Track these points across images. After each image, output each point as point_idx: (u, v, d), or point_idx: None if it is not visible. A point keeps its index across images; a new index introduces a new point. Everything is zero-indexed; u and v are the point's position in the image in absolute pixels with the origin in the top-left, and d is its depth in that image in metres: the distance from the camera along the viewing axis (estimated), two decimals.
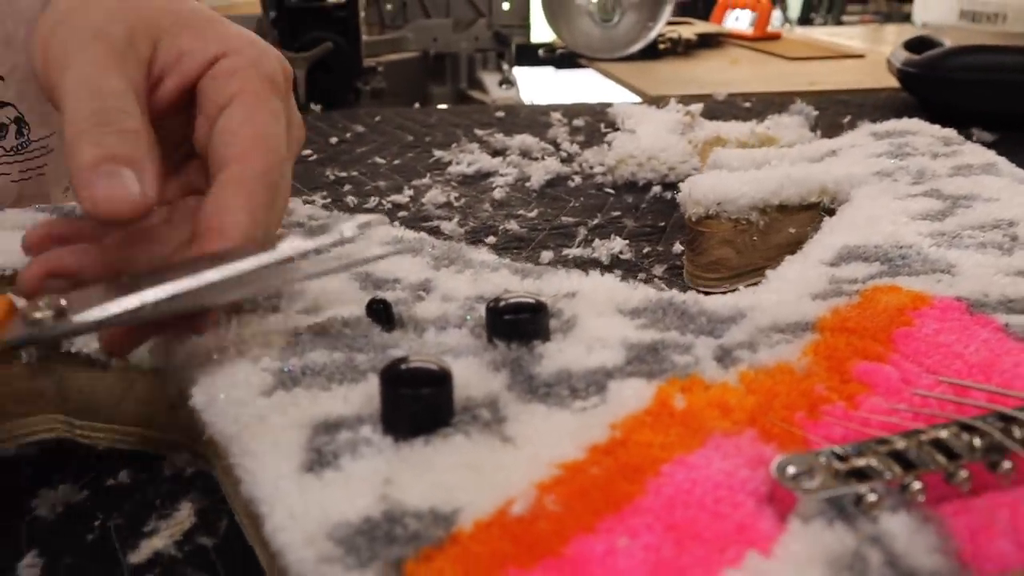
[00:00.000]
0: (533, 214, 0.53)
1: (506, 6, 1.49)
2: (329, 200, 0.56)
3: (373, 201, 0.56)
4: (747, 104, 0.86)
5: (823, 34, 2.03)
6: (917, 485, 0.17)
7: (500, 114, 0.81)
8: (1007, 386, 0.22)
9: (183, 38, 0.28)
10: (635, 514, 0.18)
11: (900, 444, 0.18)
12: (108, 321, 0.22)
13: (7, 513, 0.27)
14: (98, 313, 0.22)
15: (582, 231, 0.50)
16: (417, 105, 1.11)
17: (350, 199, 0.56)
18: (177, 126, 0.30)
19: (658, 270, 0.44)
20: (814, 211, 0.41)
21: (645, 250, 0.47)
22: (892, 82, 0.88)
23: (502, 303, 0.25)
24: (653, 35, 1.25)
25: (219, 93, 0.28)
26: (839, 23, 3.40)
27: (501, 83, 1.36)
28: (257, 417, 0.22)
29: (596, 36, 1.31)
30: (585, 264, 0.45)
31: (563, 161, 0.64)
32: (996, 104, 0.76)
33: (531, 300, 0.25)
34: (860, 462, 0.18)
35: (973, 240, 0.32)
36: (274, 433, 0.21)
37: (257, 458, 0.20)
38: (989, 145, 0.72)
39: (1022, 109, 0.75)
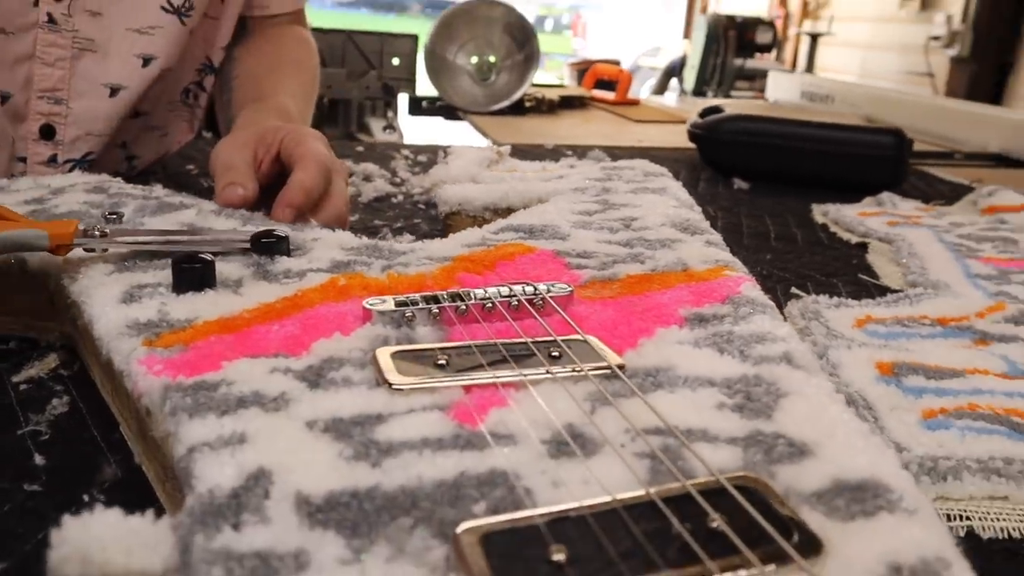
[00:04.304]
0: (354, 218, 0.69)
1: (396, 61, 1.68)
2: None
3: None
4: (569, 152, 1.05)
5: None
6: (436, 311, 0.34)
7: (360, 148, 0.98)
8: (532, 272, 0.39)
9: (286, 144, 0.56)
10: (290, 319, 0.34)
11: (438, 296, 0.35)
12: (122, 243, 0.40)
13: None
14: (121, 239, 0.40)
15: (385, 230, 0.66)
16: None
17: None
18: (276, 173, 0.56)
19: None
20: None
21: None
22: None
23: (263, 235, 0.41)
24: (519, 95, 1.44)
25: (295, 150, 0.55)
26: (728, 96, 3.71)
27: (385, 128, 1.53)
28: (100, 283, 0.37)
29: (473, 93, 1.50)
30: None
31: (393, 184, 0.80)
32: (751, 160, 0.96)
33: (280, 234, 0.41)
34: (409, 298, 0.34)
35: (598, 226, 0.50)
36: (107, 289, 0.36)
37: (95, 299, 0.36)
38: (744, 192, 0.93)
39: (769, 165, 0.95)
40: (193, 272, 0.36)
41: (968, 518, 0.33)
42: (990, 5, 3.18)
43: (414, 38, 1.75)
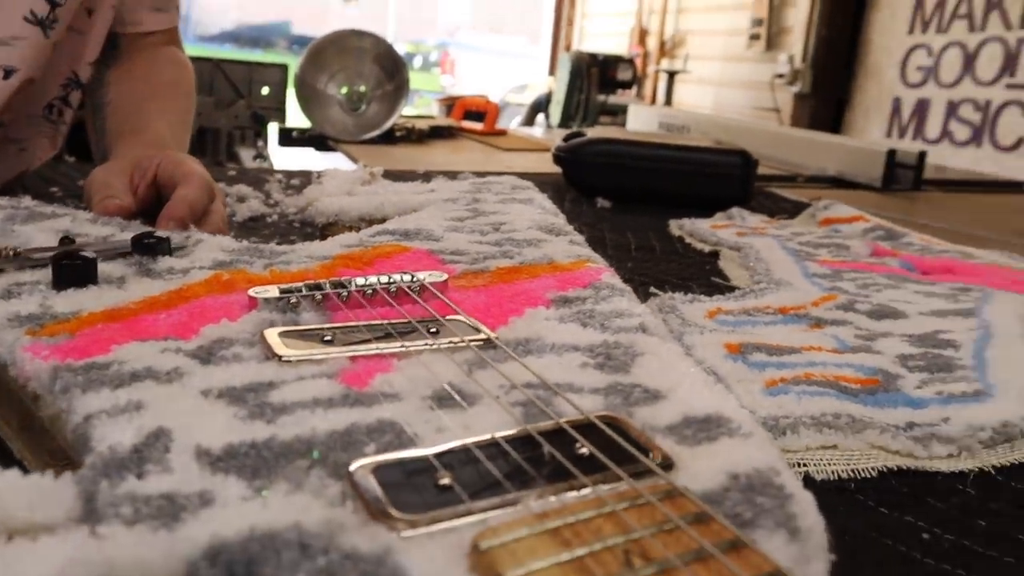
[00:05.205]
0: (230, 236, 0.69)
1: (265, 91, 1.68)
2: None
3: None
4: (440, 176, 1.08)
5: None
6: (319, 297, 0.36)
7: (232, 172, 0.98)
8: (409, 269, 0.41)
9: (164, 167, 0.57)
10: (177, 309, 0.35)
11: (321, 284, 0.37)
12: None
13: None
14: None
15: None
16: None
17: None
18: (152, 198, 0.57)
19: None
20: None
21: None
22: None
23: (144, 236, 0.42)
24: (389, 124, 1.47)
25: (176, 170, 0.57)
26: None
27: (255, 157, 1.52)
28: None
29: (344, 122, 1.52)
30: None
31: (267, 205, 0.81)
32: (613, 181, 1.02)
33: (160, 236, 0.42)
34: (293, 287, 0.36)
35: (470, 229, 0.53)
36: None
37: None
38: (607, 210, 0.98)
39: (629, 185, 1.01)
40: (74, 268, 0.37)
41: (805, 465, 0.37)
42: (827, 47, 3.45)
43: (284, 68, 1.75)
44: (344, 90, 1.49)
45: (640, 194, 1.01)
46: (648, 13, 4.76)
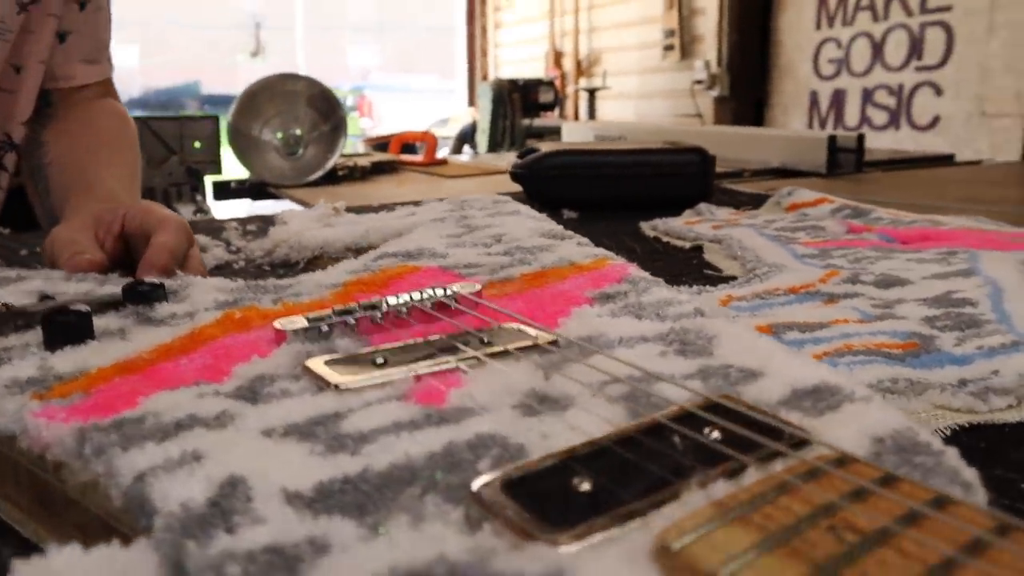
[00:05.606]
0: None
1: (197, 145, 1.63)
2: None
3: None
4: (396, 208, 1.05)
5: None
6: (352, 321, 0.33)
7: None
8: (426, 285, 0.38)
9: (132, 217, 0.53)
10: (197, 352, 0.31)
11: (350, 308, 0.34)
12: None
13: None
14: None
15: None
16: None
17: None
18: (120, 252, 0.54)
19: None
20: None
21: None
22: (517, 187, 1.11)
23: (136, 284, 0.38)
24: (330, 165, 1.43)
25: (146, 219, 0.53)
26: None
27: (196, 212, 1.47)
28: None
29: (282, 167, 1.47)
30: None
31: (231, 252, 0.77)
32: (576, 191, 1.00)
33: (154, 282, 0.38)
34: (322, 315, 0.33)
35: (472, 243, 0.50)
36: None
37: None
38: (574, 220, 0.96)
39: (592, 193, 1.00)
40: (67, 325, 0.33)
41: None
42: (740, 51, 3.54)
43: (215, 119, 1.70)
44: (280, 135, 1.46)
45: (603, 201, 1.00)
46: (560, 36, 4.83)
